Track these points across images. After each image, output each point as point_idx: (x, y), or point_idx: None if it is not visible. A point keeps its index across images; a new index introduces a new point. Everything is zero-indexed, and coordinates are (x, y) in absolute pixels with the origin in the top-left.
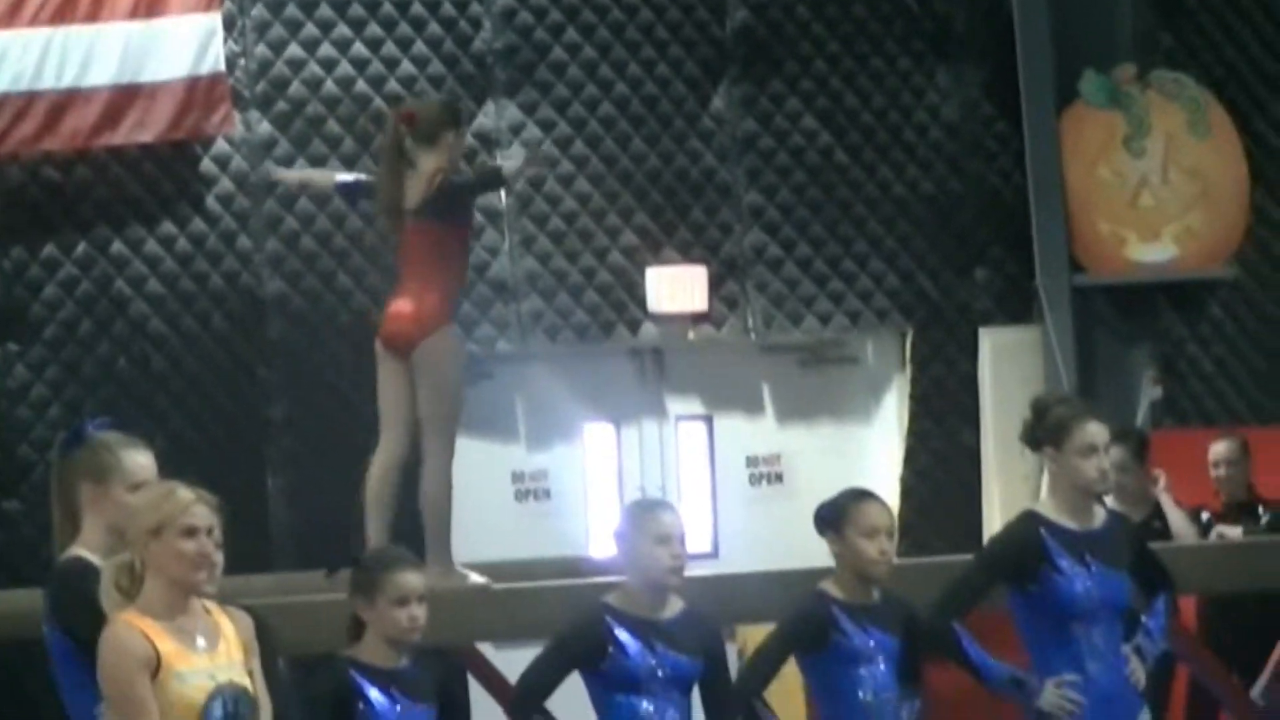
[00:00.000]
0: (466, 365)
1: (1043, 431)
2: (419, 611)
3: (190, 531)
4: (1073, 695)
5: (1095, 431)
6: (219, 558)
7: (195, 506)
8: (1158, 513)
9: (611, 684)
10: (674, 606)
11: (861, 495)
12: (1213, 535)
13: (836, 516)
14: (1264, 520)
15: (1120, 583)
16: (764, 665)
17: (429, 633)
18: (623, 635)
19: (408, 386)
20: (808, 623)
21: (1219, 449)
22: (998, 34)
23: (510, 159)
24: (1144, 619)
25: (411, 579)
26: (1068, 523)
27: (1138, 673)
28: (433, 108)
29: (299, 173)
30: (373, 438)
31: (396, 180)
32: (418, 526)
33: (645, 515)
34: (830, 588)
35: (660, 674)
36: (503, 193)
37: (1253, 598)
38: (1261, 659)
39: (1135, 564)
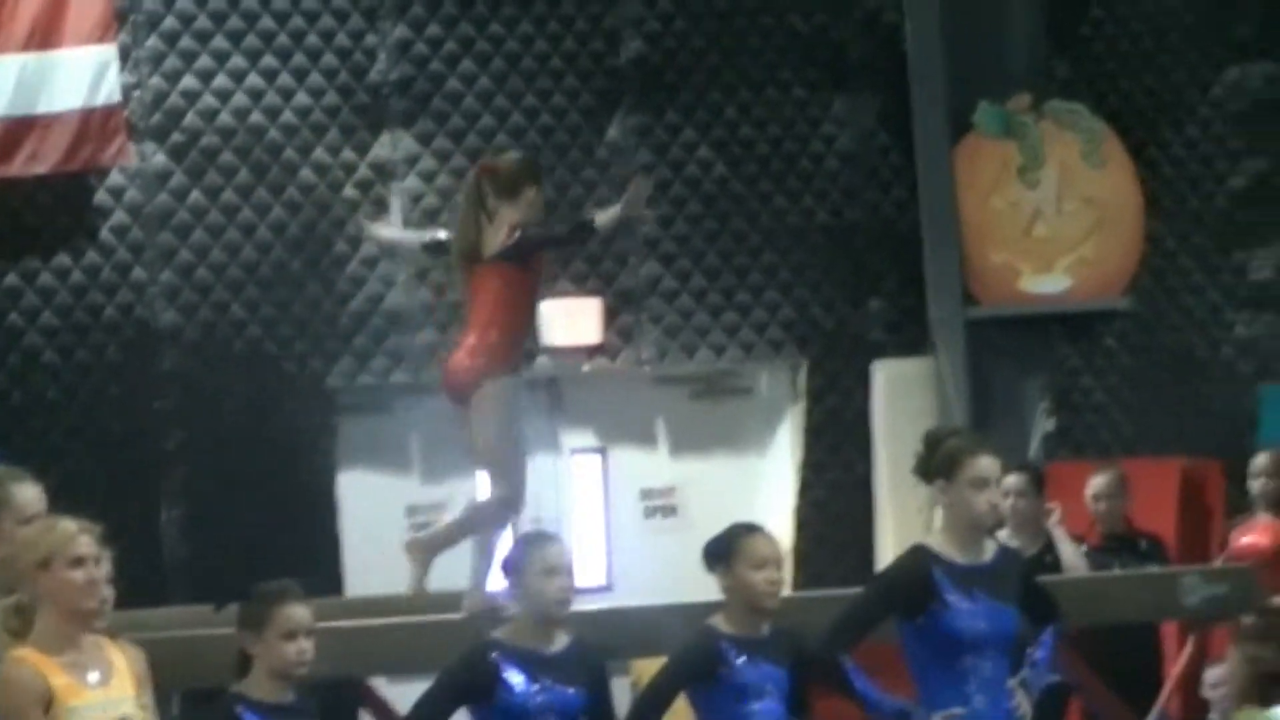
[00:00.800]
0: (509, 411)
1: (935, 464)
2: (306, 645)
3: (78, 561)
4: None
5: (987, 465)
6: (109, 590)
7: (81, 537)
8: (1050, 546)
9: (498, 717)
10: (561, 639)
11: (749, 529)
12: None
13: (725, 550)
14: (1143, 549)
15: (1008, 616)
16: (654, 699)
17: (321, 667)
18: (509, 669)
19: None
20: (697, 656)
21: (1097, 482)
22: (893, 64)
23: (606, 212)
24: (1030, 651)
25: (299, 612)
26: (957, 556)
27: (1023, 706)
28: (513, 162)
29: (391, 232)
30: (268, 471)
31: (475, 230)
32: None
33: (534, 547)
34: (720, 622)
35: (546, 707)
36: (397, 222)
37: (1136, 629)
38: (1145, 689)
39: (1024, 597)
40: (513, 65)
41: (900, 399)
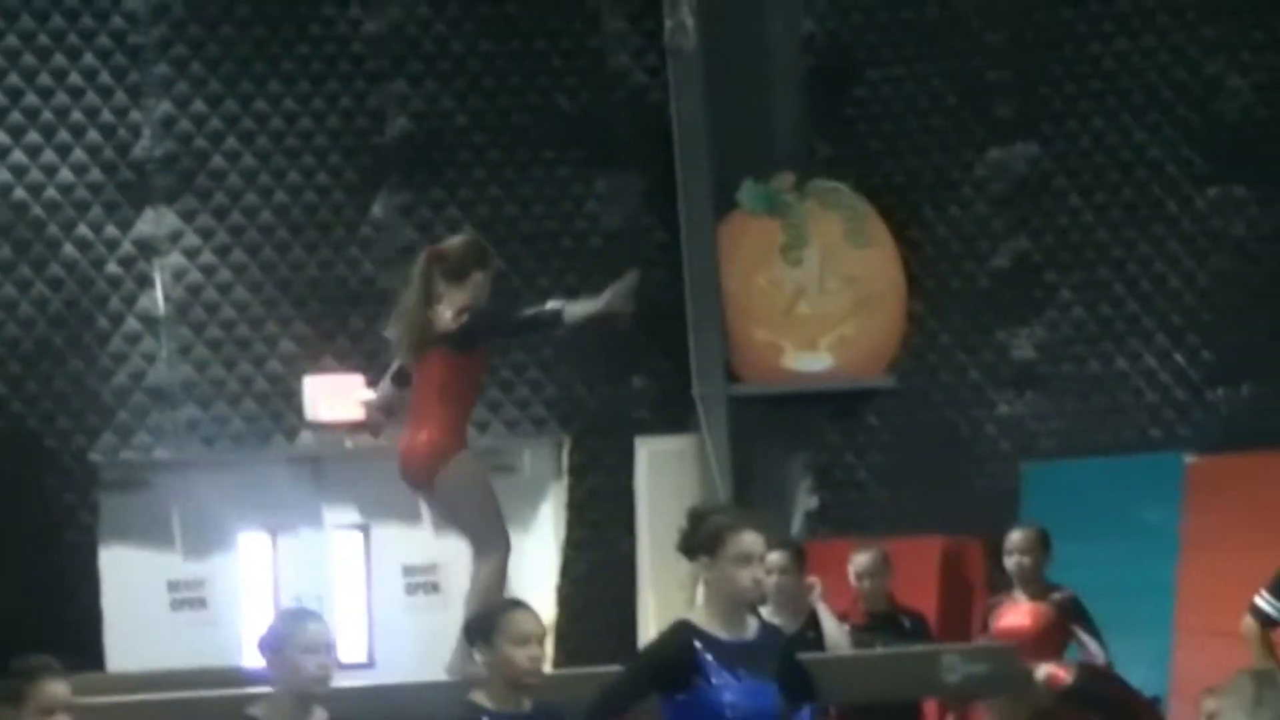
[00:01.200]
0: (478, 478)
1: (698, 540)
2: None
3: None
4: None
5: (751, 541)
6: None
7: None
8: (812, 622)
9: None
10: (319, 717)
11: (512, 605)
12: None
13: (487, 626)
14: (907, 627)
15: (769, 693)
16: None
17: None
18: None
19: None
20: None
21: (860, 560)
22: (658, 142)
23: (582, 303)
24: None
25: (56, 689)
26: (720, 633)
27: None
28: (461, 246)
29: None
30: (20, 543)
31: (423, 315)
32: None
33: (292, 624)
34: (481, 697)
35: None
36: (160, 300)
37: (899, 707)
38: None
39: (784, 675)
40: (277, 143)
41: (664, 476)
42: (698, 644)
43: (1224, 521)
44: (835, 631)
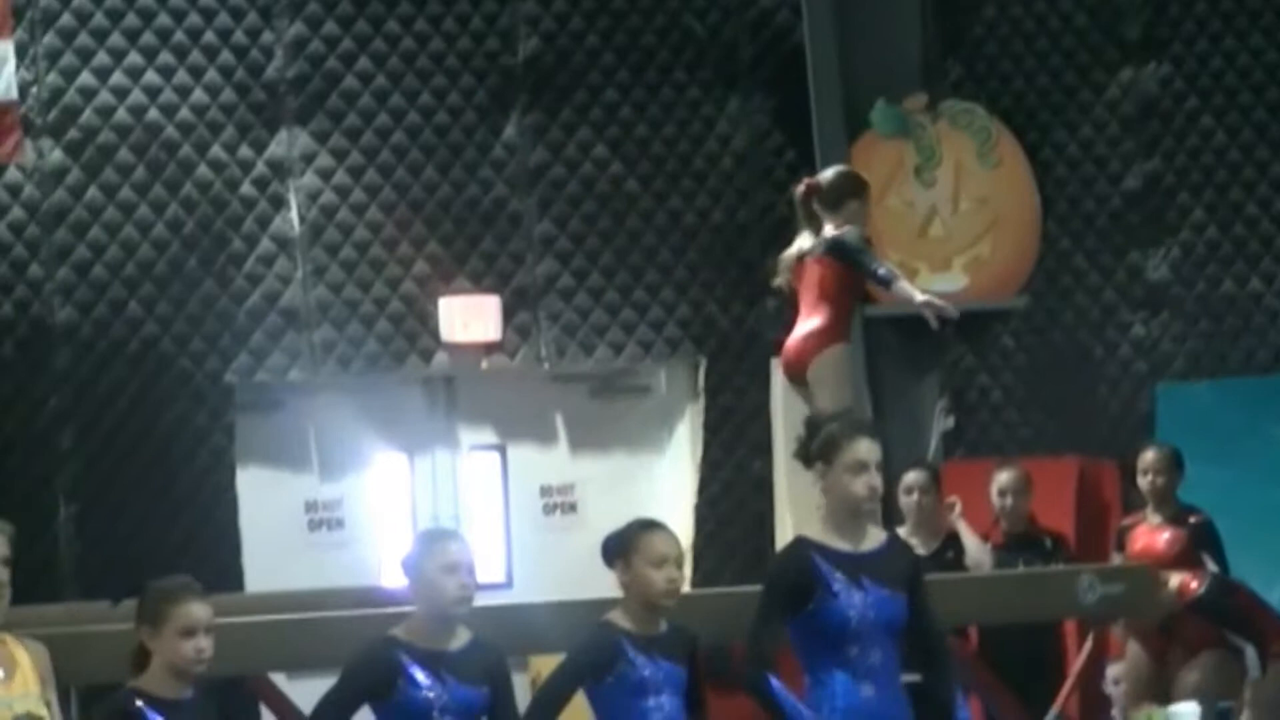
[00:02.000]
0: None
1: (814, 448)
2: (205, 643)
3: None
4: None
5: (866, 448)
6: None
7: None
8: (950, 542)
9: (400, 715)
10: (462, 637)
11: (648, 525)
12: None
13: (624, 547)
14: (1048, 548)
15: (896, 604)
16: (552, 696)
17: (221, 663)
18: (411, 667)
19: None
20: (594, 653)
21: (1003, 478)
22: (787, 63)
23: (907, 285)
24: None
25: (197, 610)
26: (839, 544)
27: None
28: (835, 177)
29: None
30: (157, 466)
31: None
32: None
33: (433, 545)
34: (617, 618)
35: (448, 705)
36: (294, 221)
37: (1036, 627)
38: (1046, 687)
39: (912, 594)
40: (409, 63)
41: (799, 397)
42: (816, 556)
43: None
44: (977, 550)
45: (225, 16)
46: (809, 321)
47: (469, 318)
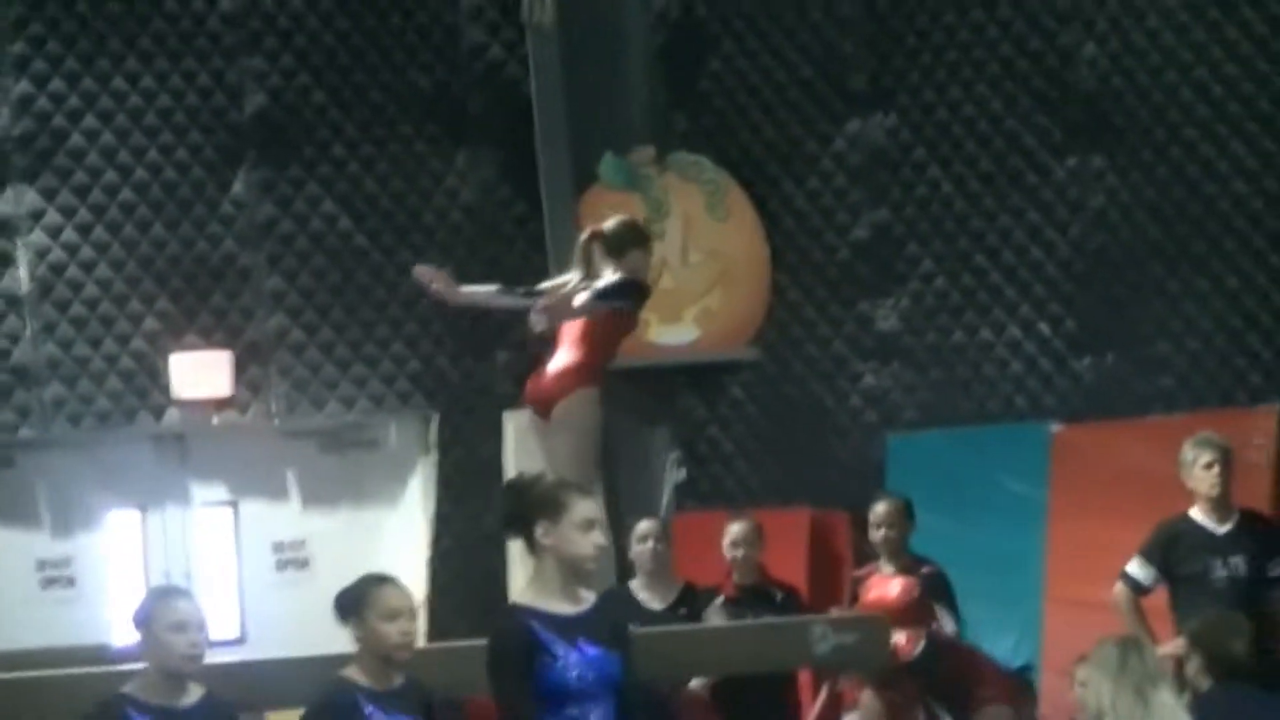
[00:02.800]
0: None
1: (533, 507)
2: None
3: None
4: None
5: (591, 506)
6: None
7: None
8: (684, 598)
9: None
10: (194, 694)
11: (381, 580)
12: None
13: (357, 602)
14: (779, 601)
15: (612, 661)
16: None
17: None
18: None
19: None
20: (331, 709)
21: (735, 530)
22: (516, 116)
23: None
24: None
25: None
26: (554, 606)
27: None
28: (618, 226)
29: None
30: None
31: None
32: None
33: (162, 602)
34: (353, 673)
35: None
36: (23, 279)
37: (768, 679)
38: None
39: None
40: (136, 120)
41: (531, 450)
42: (533, 623)
43: (1090, 490)
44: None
45: None
46: (566, 357)
47: (200, 374)
